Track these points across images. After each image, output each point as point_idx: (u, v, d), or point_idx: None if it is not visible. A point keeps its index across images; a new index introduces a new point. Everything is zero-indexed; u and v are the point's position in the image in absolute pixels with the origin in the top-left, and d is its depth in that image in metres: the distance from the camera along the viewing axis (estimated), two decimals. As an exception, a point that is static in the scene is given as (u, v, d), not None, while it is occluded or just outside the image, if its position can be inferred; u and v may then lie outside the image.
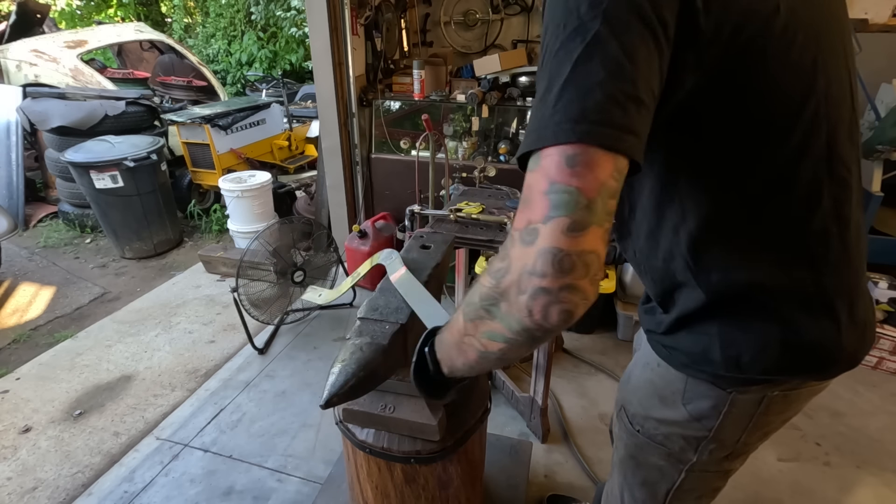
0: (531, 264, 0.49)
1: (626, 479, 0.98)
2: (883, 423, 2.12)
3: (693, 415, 0.79)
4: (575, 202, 0.47)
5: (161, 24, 9.74)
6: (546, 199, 0.48)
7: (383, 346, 0.90)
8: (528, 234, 0.49)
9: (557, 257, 0.47)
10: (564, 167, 0.48)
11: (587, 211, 0.47)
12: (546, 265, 0.48)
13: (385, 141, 3.02)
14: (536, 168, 0.50)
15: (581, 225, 0.47)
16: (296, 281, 2.63)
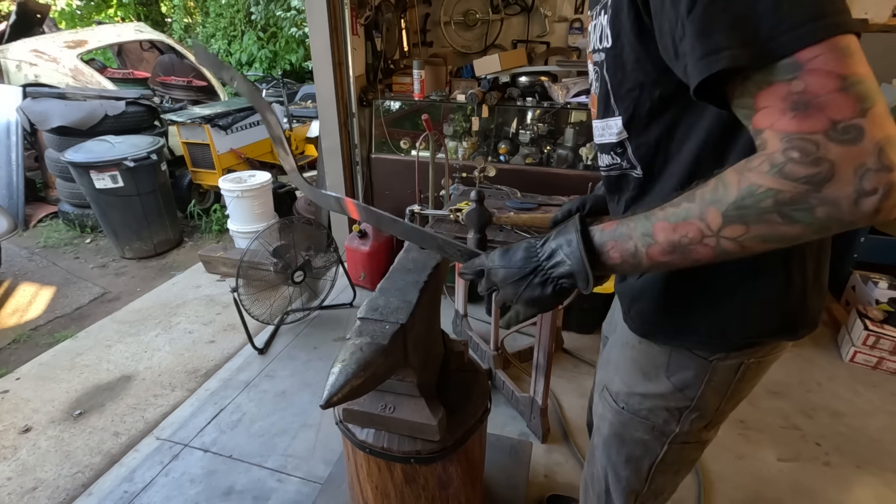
0: (873, 161, 0.45)
1: (609, 458, 1.00)
2: (883, 423, 2.12)
3: (677, 385, 0.84)
4: (875, 88, 0.47)
5: (161, 24, 9.74)
6: (848, 95, 0.46)
7: (383, 346, 0.90)
8: (846, 132, 0.46)
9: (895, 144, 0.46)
10: (842, 59, 0.46)
11: (880, 92, 0.47)
12: (891, 155, 0.45)
13: (385, 141, 3.02)
14: (800, 73, 0.47)
15: (887, 109, 0.47)
16: (296, 281, 2.63)
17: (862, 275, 2.63)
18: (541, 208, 1.94)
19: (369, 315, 0.98)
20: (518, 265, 0.68)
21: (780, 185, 0.49)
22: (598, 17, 0.72)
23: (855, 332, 2.43)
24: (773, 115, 0.49)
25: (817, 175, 0.47)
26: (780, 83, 0.48)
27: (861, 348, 2.39)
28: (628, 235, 0.62)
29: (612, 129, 0.77)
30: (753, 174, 0.51)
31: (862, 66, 0.47)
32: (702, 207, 0.55)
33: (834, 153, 0.46)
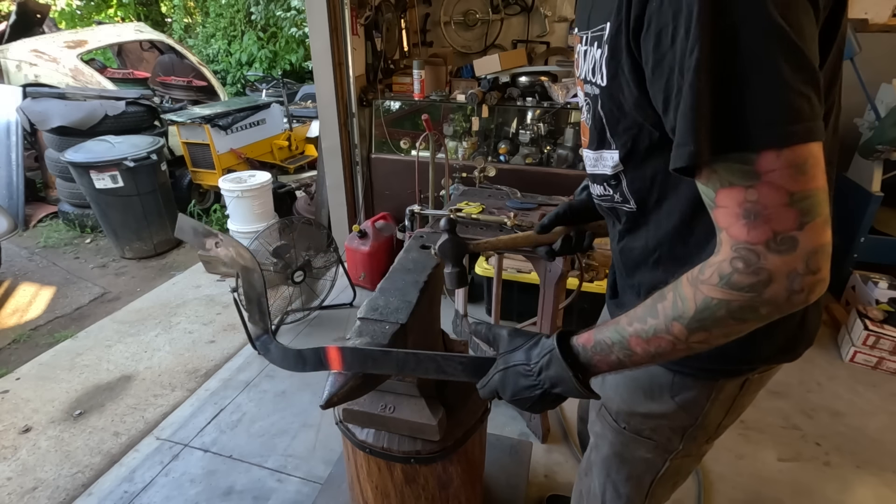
0: (802, 267, 0.52)
1: (609, 476, 0.99)
2: (883, 423, 2.12)
3: (681, 405, 0.83)
4: (820, 202, 0.51)
5: (161, 24, 9.74)
6: (792, 209, 0.51)
7: (383, 346, 0.90)
8: (782, 243, 0.51)
9: (824, 250, 0.52)
10: (797, 175, 0.50)
11: (827, 202, 0.52)
12: (818, 261, 0.52)
13: (385, 141, 3.02)
14: (757, 182, 0.51)
15: (828, 216, 0.52)
16: (296, 281, 2.63)
17: (862, 275, 2.63)
18: (541, 208, 1.94)
19: (369, 315, 0.98)
20: (523, 392, 0.74)
21: (730, 296, 0.56)
22: (591, 48, 0.71)
23: (855, 332, 2.43)
24: (729, 217, 0.54)
25: (758, 283, 0.54)
26: (740, 188, 0.52)
27: (861, 348, 2.39)
28: (609, 349, 0.68)
29: (607, 162, 0.76)
30: (706, 287, 0.57)
31: (814, 180, 0.51)
32: (667, 323, 0.61)
33: (771, 263, 0.52)
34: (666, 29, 0.53)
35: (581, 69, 0.76)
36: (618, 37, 0.62)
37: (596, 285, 2.39)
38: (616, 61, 0.64)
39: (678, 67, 0.53)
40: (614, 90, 0.67)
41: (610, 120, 0.71)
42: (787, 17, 0.49)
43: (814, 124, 0.50)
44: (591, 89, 0.73)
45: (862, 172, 2.54)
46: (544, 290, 1.75)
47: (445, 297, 2.83)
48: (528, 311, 2.46)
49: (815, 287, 0.54)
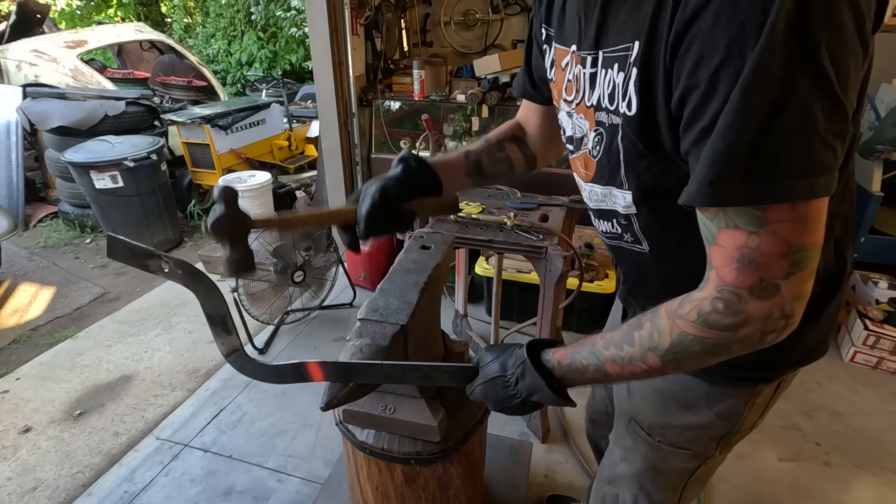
0: (779, 312, 0.54)
1: (643, 488, 0.98)
2: (883, 423, 2.12)
3: (719, 415, 0.82)
4: (813, 256, 0.52)
5: (161, 24, 9.73)
6: (786, 260, 0.51)
7: (384, 347, 0.90)
8: (765, 290, 0.53)
9: (803, 299, 0.54)
10: (801, 230, 0.51)
11: (817, 257, 0.53)
12: (794, 308, 0.54)
13: (385, 141, 3.02)
14: (762, 230, 0.51)
15: (814, 269, 0.53)
16: (296, 281, 2.63)
17: (862, 275, 2.63)
18: (540, 208, 1.93)
19: (369, 316, 0.98)
20: (504, 401, 0.76)
21: (706, 334, 0.57)
22: (606, 70, 0.64)
23: (855, 332, 2.43)
24: (723, 258, 0.54)
25: (734, 324, 0.55)
26: (744, 232, 0.52)
27: (861, 348, 2.39)
28: (584, 369, 0.69)
29: (618, 202, 0.72)
30: (683, 322, 0.58)
31: (814, 234, 0.51)
32: (642, 352, 0.62)
33: (751, 307, 0.54)
34: (710, 57, 0.49)
35: (586, 94, 0.69)
36: (652, 57, 0.56)
37: (596, 285, 2.39)
38: (650, 86, 0.58)
39: (718, 102, 0.49)
40: (646, 119, 0.60)
41: (630, 155, 0.65)
42: (837, 60, 0.46)
43: (832, 177, 0.49)
44: (608, 118, 0.66)
45: (862, 172, 2.54)
46: (544, 290, 1.75)
47: (445, 297, 2.83)
48: (528, 311, 2.46)
49: (786, 329, 0.56)
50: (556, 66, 0.78)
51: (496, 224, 1.79)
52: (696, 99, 0.51)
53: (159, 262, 0.79)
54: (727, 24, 0.47)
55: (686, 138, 0.55)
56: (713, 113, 0.50)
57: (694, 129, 0.53)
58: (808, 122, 0.47)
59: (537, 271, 1.75)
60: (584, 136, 0.73)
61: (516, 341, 0.81)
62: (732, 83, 0.48)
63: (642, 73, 0.58)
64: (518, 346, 0.75)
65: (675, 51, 0.53)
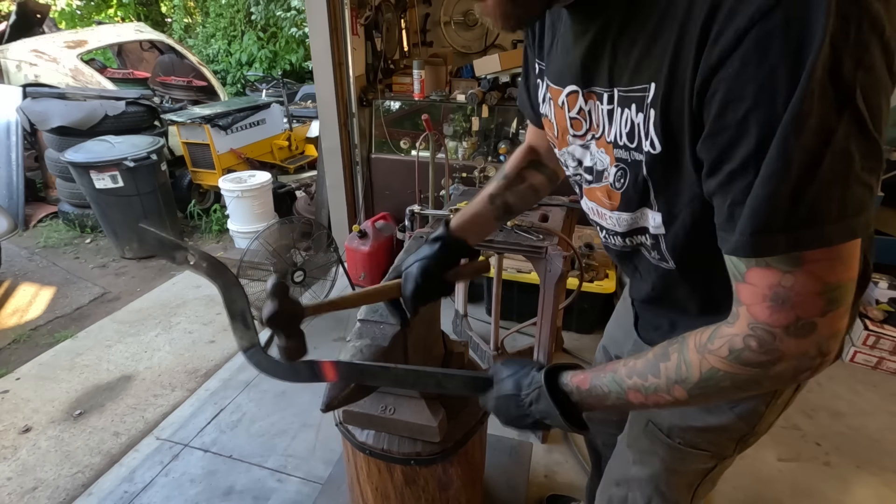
0: (815, 351, 0.53)
1: (657, 489, 0.98)
2: (883, 423, 2.12)
3: (740, 416, 0.82)
4: (849, 291, 0.51)
5: (161, 24, 9.73)
6: (821, 298, 0.50)
7: (383, 348, 0.90)
8: (801, 329, 0.52)
9: (839, 336, 0.53)
10: (837, 268, 0.50)
11: (853, 292, 0.52)
12: (830, 346, 0.53)
13: (385, 141, 3.02)
14: (797, 269, 0.50)
15: (850, 304, 0.52)
16: (296, 281, 2.63)
17: (862, 275, 2.63)
18: (540, 208, 1.94)
19: (369, 317, 0.98)
20: (514, 417, 0.75)
21: (737, 370, 0.56)
22: (623, 108, 0.64)
23: (855, 332, 2.43)
24: (754, 296, 0.54)
25: (768, 362, 0.54)
26: (777, 271, 0.51)
27: (861, 348, 2.39)
28: (605, 396, 0.67)
29: (649, 221, 0.71)
30: (713, 358, 0.57)
31: (850, 271, 0.51)
32: (668, 385, 0.61)
33: (786, 346, 0.53)
34: (738, 102, 0.49)
35: (605, 129, 0.69)
36: (672, 100, 0.56)
37: (596, 285, 2.39)
38: (672, 128, 0.58)
39: (748, 146, 0.49)
40: (672, 158, 0.61)
41: (659, 186, 0.66)
42: (870, 100, 0.46)
43: (869, 216, 0.49)
44: (629, 155, 0.66)
45: (862, 172, 2.55)
46: (544, 290, 1.75)
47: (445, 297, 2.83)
48: (528, 311, 2.46)
49: (821, 367, 0.55)
50: (551, 103, 0.78)
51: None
52: (724, 142, 0.51)
53: (185, 254, 0.82)
54: (756, 69, 0.47)
55: (711, 180, 0.55)
56: (743, 157, 0.50)
57: (721, 172, 0.53)
58: (847, 165, 0.47)
59: (537, 271, 1.75)
60: (605, 169, 0.73)
61: (516, 341, 0.81)
62: (763, 128, 0.48)
63: (663, 115, 0.58)
64: (536, 367, 0.74)
65: (703, 96, 0.53)
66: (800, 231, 0.48)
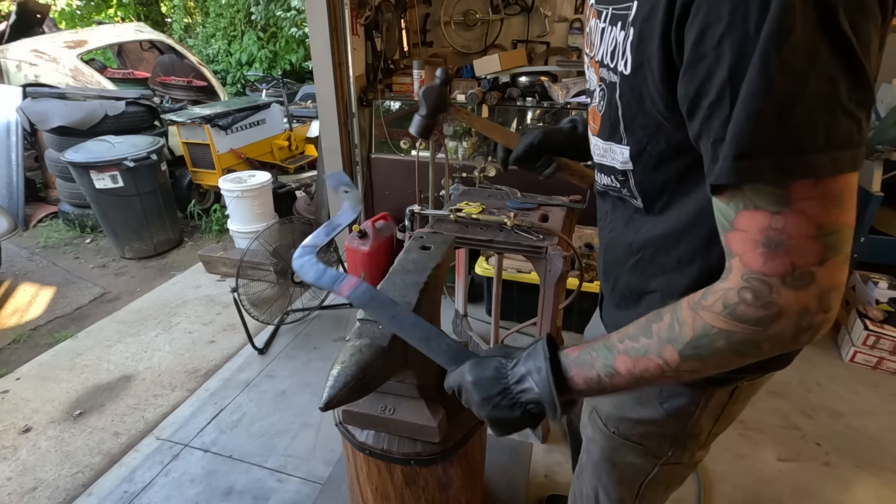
0: (815, 305, 0.49)
1: (600, 480, 0.98)
2: (883, 423, 2.12)
3: (670, 413, 0.81)
4: (847, 238, 0.48)
5: (161, 24, 9.73)
6: (818, 243, 0.47)
7: (383, 347, 0.90)
8: (799, 278, 0.48)
9: (840, 289, 0.49)
10: (830, 208, 0.47)
11: (851, 240, 0.49)
12: (830, 300, 0.49)
13: (385, 141, 3.02)
14: (786, 209, 0.47)
15: (848, 254, 0.49)
16: (296, 281, 2.63)
17: (862, 275, 2.63)
18: (541, 208, 1.93)
19: (369, 316, 0.98)
20: (487, 386, 0.68)
21: (732, 327, 0.52)
22: (612, 27, 0.63)
23: (855, 332, 2.43)
24: (746, 243, 0.51)
25: (766, 317, 0.51)
26: (765, 212, 0.49)
27: (861, 348, 2.39)
28: (591, 364, 0.63)
29: (616, 157, 0.71)
30: (707, 314, 0.54)
31: (846, 214, 0.48)
32: (659, 346, 0.58)
33: (784, 298, 0.49)
34: (715, 26, 0.46)
35: (597, 49, 0.68)
36: (650, 21, 0.54)
37: (596, 285, 2.39)
38: (644, 49, 0.56)
39: (723, 73, 0.47)
40: (637, 82, 0.59)
41: (627, 113, 0.64)
42: (857, 25, 0.43)
43: (858, 152, 0.46)
44: (609, 75, 0.65)
45: (862, 172, 2.53)
46: (544, 290, 1.75)
47: (445, 297, 2.83)
48: (528, 311, 2.46)
49: (822, 326, 0.51)
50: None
51: (496, 224, 1.79)
52: (703, 73, 0.49)
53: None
54: None
55: (694, 121, 0.53)
56: (720, 85, 0.48)
57: (701, 108, 0.51)
58: (832, 90, 0.44)
59: (537, 271, 1.75)
60: (594, 90, 0.72)
61: (516, 341, 0.80)
62: (737, 52, 0.45)
63: (639, 36, 0.57)
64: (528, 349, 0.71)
65: (683, 22, 0.50)
66: (785, 157, 0.46)
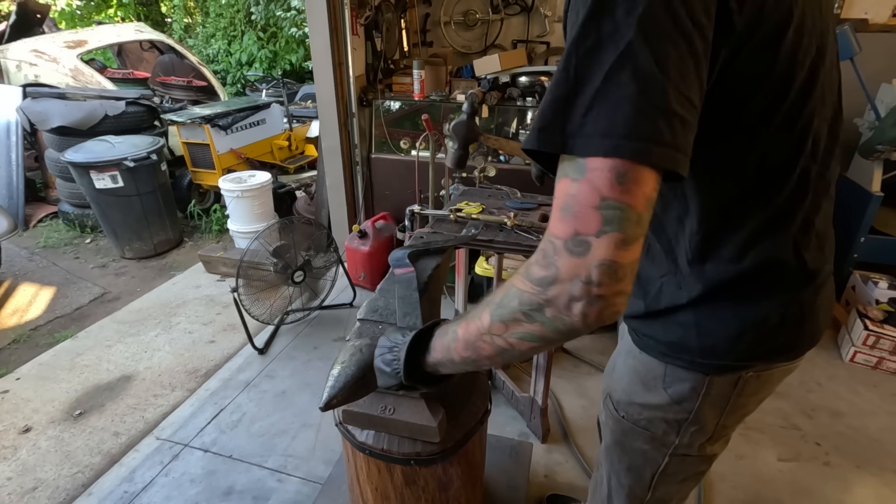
0: (586, 275, 0.51)
1: (612, 465, 1.00)
2: (883, 423, 2.12)
3: (674, 398, 0.83)
4: (626, 218, 0.50)
5: (161, 24, 9.73)
6: (598, 213, 0.50)
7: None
8: (578, 245, 0.51)
9: (612, 268, 0.51)
10: (615, 183, 0.50)
11: (637, 226, 0.51)
12: (602, 275, 0.51)
13: (385, 141, 3.02)
14: (581, 178, 0.51)
15: (632, 238, 0.51)
16: (296, 281, 2.63)
17: (862, 275, 2.63)
18: (540, 208, 1.93)
19: (369, 316, 0.98)
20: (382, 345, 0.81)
21: (524, 286, 0.56)
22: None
23: (855, 332, 2.43)
24: (553, 209, 0.54)
25: (545, 278, 0.54)
26: (569, 180, 0.53)
27: (861, 348, 2.39)
28: (445, 332, 0.72)
29: None
30: (516, 277, 0.58)
31: (629, 195, 0.50)
32: (482, 309, 0.63)
33: (562, 261, 0.53)
34: (573, 13, 0.55)
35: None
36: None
37: (596, 285, 2.39)
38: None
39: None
40: None
41: None
42: (652, 42, 0.49)
43: (646, 147, 0.50)
44: None
45: (862, 172, 2.54)
46: (544, 291, 1.75)
47: (445, 297, 2.83)
48: (528, 312, 2.46)
49: (594, 302, 0.52)
50: None
51: (496, 224, 1.79)
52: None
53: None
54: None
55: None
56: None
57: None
58: (622, 89, 0.50)
59: (537, 271, 1.74)
60: None
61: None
62: (568, 41, 0.53)
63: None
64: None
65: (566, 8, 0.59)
66: (577, 132, 0.51)
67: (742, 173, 0.67)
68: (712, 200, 0.70)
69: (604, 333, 2.66)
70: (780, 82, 0.62)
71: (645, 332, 0.83)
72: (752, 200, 0.69)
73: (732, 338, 0.75)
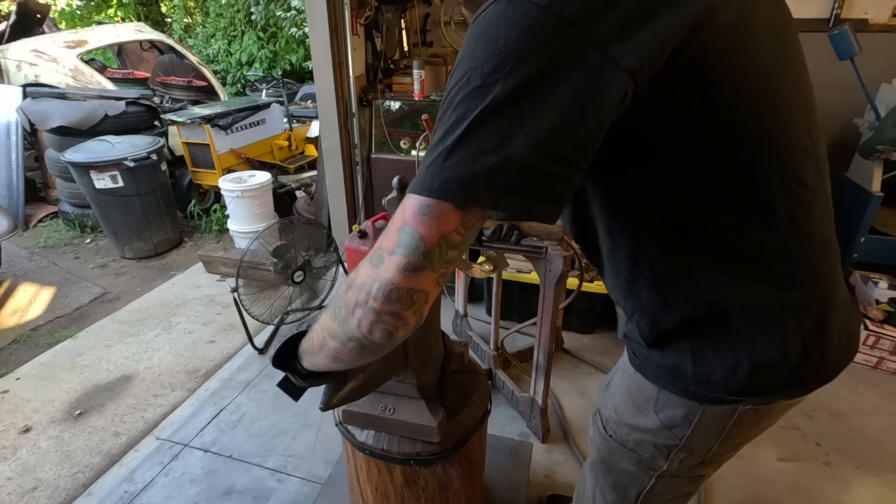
0: (369, 285, 0.56)
1: (598, 481, 0.99)
2: (883, 423, 2.12)
3: (665, 423, 0.80)
4: (415, 246, 0.54)
5: (161, 24, 9.74)
6: (397, 234, 0.55)
7: (383, 347, 0.90)
8: (377, 258, 0.56)
9: (389, 288, 0.55)
10: (417, 214, 0.54)
11: (423, 257, 0.54)
12: (379, 291, 0.55)
13: (385, 141, 3.02)
14: (403, 203, 0.56)
15: (415, 267, 0.54)
16: (296, 281, 2.63)
17: (862, 275, 2.63)
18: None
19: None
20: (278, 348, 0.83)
21: (344, 285, 0.61)
22: None
23: (855, 332, 2.43)
24: None
25: (348, 282, 0.59)
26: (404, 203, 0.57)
27: (861, 348, 2.39)
28: (313, 329, 0.74)
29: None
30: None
31: (424, 227, 0.53)
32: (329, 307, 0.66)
33: (362, 269, 0.57)
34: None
35: None
36: None
37: (596, 285, 2.39)
38: None
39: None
40: None
41: None
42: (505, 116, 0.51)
43: (453, 187, 0.51)
44: None
45: (862, 172, 2.54)
46: (544, 290, 1.75)
47: (445, 297, 2.83)
48: (528, 311, 2.46)
49: (368, 314, 0.56)
50: None
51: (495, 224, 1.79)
52: None
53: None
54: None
55: None
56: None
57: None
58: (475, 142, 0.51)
59: (537, 271, 1.75)
60: None
61: (516, 341, 0.82)
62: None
63: None
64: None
65: None
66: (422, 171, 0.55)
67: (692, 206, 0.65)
68: (665, 234, 0.68)
69: (604, 333, 2.66)
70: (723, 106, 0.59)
71: (641, 353, 0.80)
72: (704, 235, 0.66)
73: (727, 370, 0.70)
